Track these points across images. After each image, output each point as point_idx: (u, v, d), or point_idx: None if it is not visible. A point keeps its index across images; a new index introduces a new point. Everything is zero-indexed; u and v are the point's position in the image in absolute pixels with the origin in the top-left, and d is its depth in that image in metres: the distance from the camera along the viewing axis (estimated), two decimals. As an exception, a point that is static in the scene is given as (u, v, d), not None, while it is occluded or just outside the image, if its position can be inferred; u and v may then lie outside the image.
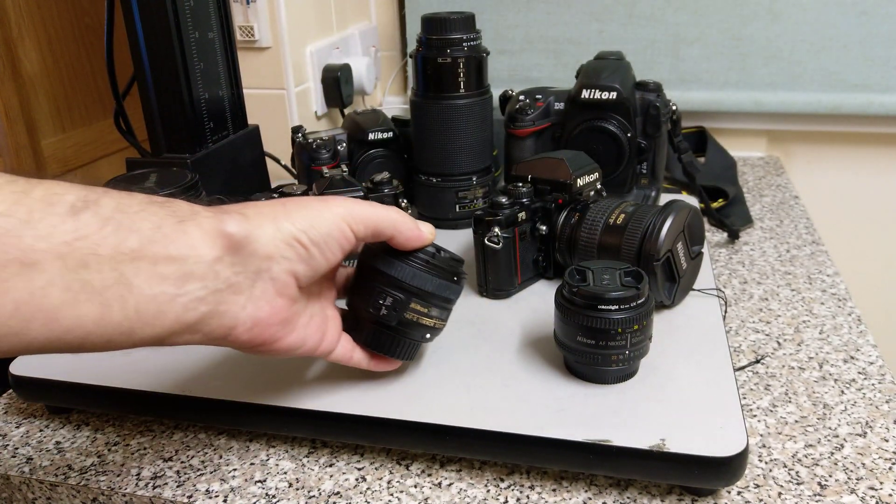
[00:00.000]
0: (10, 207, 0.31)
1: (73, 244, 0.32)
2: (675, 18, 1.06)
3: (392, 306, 0.46)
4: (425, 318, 0.48)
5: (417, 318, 0.47)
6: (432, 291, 0.47)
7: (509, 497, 0.46)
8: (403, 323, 0.47)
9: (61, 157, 0.97)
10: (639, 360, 0.50)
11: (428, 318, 0.48)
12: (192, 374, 0.53)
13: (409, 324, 0.47)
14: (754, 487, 0.46)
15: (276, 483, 0.48)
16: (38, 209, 0.31)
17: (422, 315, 0.47)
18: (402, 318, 0.47)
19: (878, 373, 0.58)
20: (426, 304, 0.47)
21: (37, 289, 0.31)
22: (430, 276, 0.47)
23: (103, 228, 0.33)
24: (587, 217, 0.61)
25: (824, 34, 1.03)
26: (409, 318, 0.47)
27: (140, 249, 0.34)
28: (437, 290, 0.47)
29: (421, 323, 0.48)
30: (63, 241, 0.31)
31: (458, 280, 0.48)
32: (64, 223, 0.32)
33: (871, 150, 1.12)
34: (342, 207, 0.43)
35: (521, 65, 1.14)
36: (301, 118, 0.95)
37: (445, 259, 0.48)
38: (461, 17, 0.72)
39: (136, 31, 0.66)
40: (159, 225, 0.35)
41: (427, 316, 0.48)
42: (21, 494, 0.51)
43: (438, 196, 0.78)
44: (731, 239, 0.82)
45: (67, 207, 0.32)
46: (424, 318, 0.48)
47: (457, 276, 0.48)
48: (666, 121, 0.76)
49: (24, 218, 0.31)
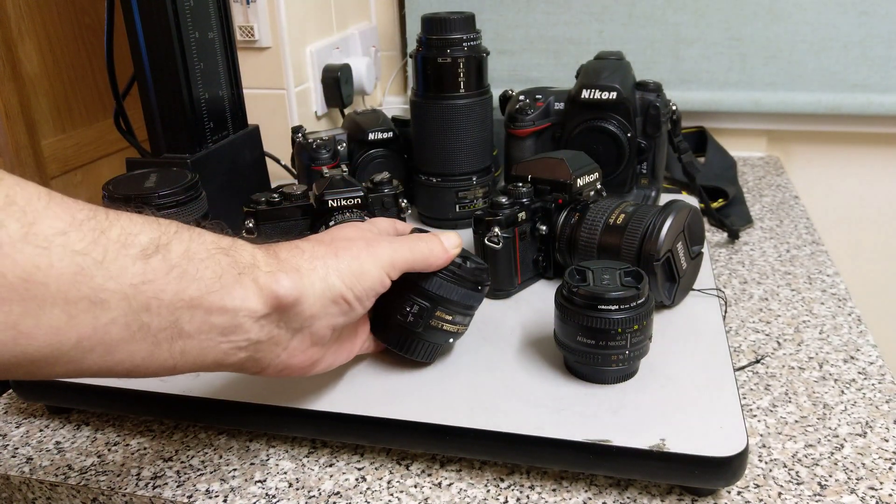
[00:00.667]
0: (88, 246, 0.32)
1: (140, 287, 0.33)
2: (675, 18, 1.06)
3: (419, 314, 0.50)
4: (449, 325, 0.51)
5: (442, 325, 0.50)
6: (457, 300, 0.50)
7: (509, 497, 0.46)
8: (429, 329, 0.50)
9: (61, 157, 0.97)
10: (639, 360, 0.50)
11: (451, 325, 0.51)
12: (192, 375, 0.53)
13: (434, 329, 0.50)
14: (754, 487, 0.46)
15: (276, 483, 0.48)
16: (113, 250, 0.33)
17: (446, 322, 0.50)
18: (428, 324, 0.50)
19: (878, 373, 0.58)
20: (450, 311, 0.50)
21: (100, 325, 0.33)
22: (455, 286, 0.50)
23: (169, 274, 0.35)
24: (587, 217, 0.61)
25: (824, 34, 1.03)
26: (434, 324, 0.50)
27: (198, 298, 0.36)
28: (461, 300, 0.50)
29: (444, 329, 0.51)
30: (131, 284, 0.33)
31: (481, 288, 0.51)
32: (134, 265, 0.33)
33: (871, 150, 1.11)
34: (386, 257, 0.45)
35: (521, 65, 1.14)
36: (301, 118, 0.95)
37: (471, 269, 0.51)
38: (461, 17, 0.72)
39: (136, 31, 0.66)
40: (220, 275, 0.37)
41: (451, 323, 0.51)
42: (21, 494, 0.51)
43: (438, 196, 0.78)
44: (731, 239, 0.82)
45: (139, 250, 0.34)
46: (448, 325, 0.51)
47: (480, 285, 0.51)
48: (666, 121, 0.76)
49: (100, 259, 0.32)
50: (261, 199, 0.64)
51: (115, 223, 0.34)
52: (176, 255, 0.35)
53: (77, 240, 0.32)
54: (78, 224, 0.32)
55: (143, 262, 0.34)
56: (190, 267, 0.35)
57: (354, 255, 0.43)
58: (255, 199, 0.64)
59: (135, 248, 0.34)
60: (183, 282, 0.35)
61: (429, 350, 0.52)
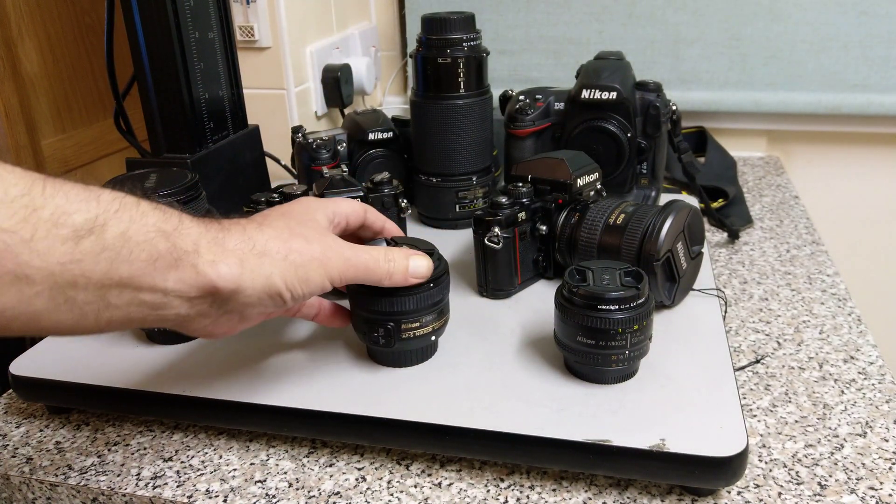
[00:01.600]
0: (17, 224, 0.32)
1: (67, 266, 0.33)
2: (675, 18, 1.06)
3: (386, 335, 0.50)
4: (422, 329, 0.51)
5: (414, 333, 0.51)
6: (415, 308, 0.50)
7: (509, 497, 0.46)
8: (403, 341, 0.51)
9: (61, 157, 0.97)
10: (639, 360, 0.50)
11: (424, 328, 0.51)
12: (192, 374, 0.53)
13: (409, 340, 0.51)
14: (754, 487, 0.46)
15: (276, 483, 0.48)
16: (43, 229, 0.33)
17: (417, 329, 0.51)
18: (401, 338, 0.51)
19: (878, 373, 0.58)
20: (415, 318, 0.50)
21: (24, 297, 0.33)
22: (408, 297, 0.50)
23: (100, 255, 0.34)
24: (587, 217, 0.61)
25: (824, 34, 1.03)
26: (407, 336, 0.50)
27: (129, 279, 0.36)
28: (419, 305, 0.50)
29: (420, 335, 0.51)
30: (59, 262, 0.33)
31: (433, 284, 0.50)
32: (64, 245, 0.33)
33: (871, 150, 1.11)
34: (335, 272, 0.45)
35: (521, 65, 1.14)
36: (301, 118, 0.95)
37: None
38: (461, 17, 0.72)
39: (136, 31, 0.66)
40: (156, 258, 0.36)
41: (423, 326, 0.51)
42: (21, 494, 0.51)
43: (438, 196, 0.78)
44: (731, 239, 0.82)
45: (71, 231, 0.33)
46: (421, 329, 0.51)
47: (433, 280, 0.50)
48: (666, 121, 0.76)
49: (28, 237, 0.32)
50: (261, 199, 0.64)
51: (50, 201, 0.33)
52: (111, 237, 0.35)
53: (6, 217, 0.31)
54: (9, 201, 0.32)
55: (74, 243, 0.33)
56: (124, 249, 0.35)
57: (304, 262, 0.43)
58: (255, 199, 0.64)
59: (66, 229, 0.33)
60: (115, 263, 0.35)
61: (417, 355, 0.53)
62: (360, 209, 0.52)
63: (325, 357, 0.55)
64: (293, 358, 0.55)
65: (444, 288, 0.52)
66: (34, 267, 0.32)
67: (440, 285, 0.51)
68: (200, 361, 0.55)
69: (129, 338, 0.59)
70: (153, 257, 0.36)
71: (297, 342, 0.57)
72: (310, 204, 0.49)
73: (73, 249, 0.33)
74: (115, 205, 0.36)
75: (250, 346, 0.56)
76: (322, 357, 0.55)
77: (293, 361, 0.54)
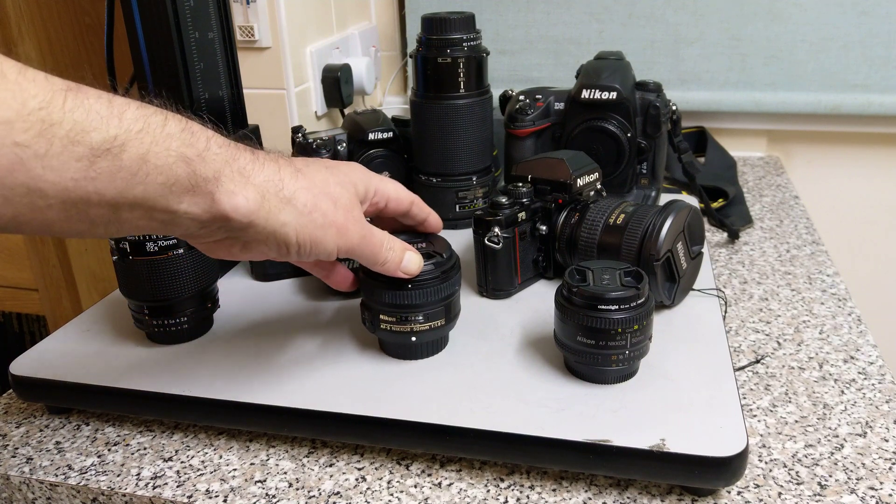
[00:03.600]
0: (31, 139, 0.31)
1: (80, 182, 0.33)
2: (675, 18, 1.06)
3: (370, 320, 0.52)
4: (397, 326, 0.51)
5: (389, 327, 0.51)
6: (389, 302, 0.51)
7: (509, 497, 0.46)
8: (382, 332, 0.52)
9: (61, 157, 0.97)
10: (639, 360, 0.50)
11: (399, 325, 0.51)
12: (192, 374, 0.53)
13: (387, 332, 0.52)
14: (754, 487, 0.46)
15: (276, 483, 0.48)
16: (59, 146, 0.32)
17: (391, 323, 0.51)
18: (379, 328, 0.52)
19: (878, 373, 0.58)
20: (389, 314, 0.51)
21: (37, 208, 0.33)
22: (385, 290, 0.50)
23: (115, 175, 0.34)
24: (587, 217, 0.61)
25: (824, 34, 1.03)
26: (384, 328, 0.52)
27: (143, 200, 0.36)
28: (393, 300, 0.50)
29: (395, 331, 0.51)
30: (72, 178, 0.33)
31: (412, 286, 0.50)
32: (78, 162, 0.33)
33: (871, 150, 1.11)
34: (346, 245, 0.45)
35: (521, 65, 1.14)
36: (301, 118, 0.94)
37: None
38: (461, 17, 0.72)
39: (136, 31, 0.66)
40: (172, 182, 0.36)
41: (397, 323, 0.51)
42: (21, 494, 0.51)
43: (438, 196, 0.78)
44: (731, 239, 0.82)
45: (88, 149, 0.33)
46: (396, 326, 0.51)
47: (411, 283, 0.50)
48: (666, 121, 0.76)
49: (42, 152, 0.32)
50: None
51: (69, 115, 0.32)
52: (129, 158, 0.34)
53: (21, 130, 0.31)
54: (26, 114, 0.31)
55: (89, 162, 0.33)
56: (141, 171, 0.35)
57: (323, 224, 0.43)
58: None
59: (82, 147, 0.33)
60: (130, 184, 0.35)
61: (410, 350, 0.53)
62: (405, 199, 0.52)
63: (326, 357, 0.55)
64: (293, 358, 0.55)
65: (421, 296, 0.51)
66: (47, 181, 0.32)
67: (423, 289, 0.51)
68: (200, 361, 0.55)
69: (129, 338, 0.59)
70: (170, 181, 0.36)
71: (297, 342, 0.57)
72: (356, 171, 0.49)
73: (87, 167, 0.33)
74: (139, 124, 0.35)
75: (250, 345, 0.57)
76: (322, 357, 0.55)
77: (293, 361, 0.54)
